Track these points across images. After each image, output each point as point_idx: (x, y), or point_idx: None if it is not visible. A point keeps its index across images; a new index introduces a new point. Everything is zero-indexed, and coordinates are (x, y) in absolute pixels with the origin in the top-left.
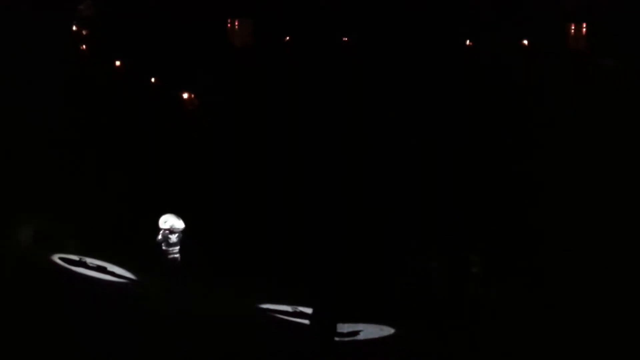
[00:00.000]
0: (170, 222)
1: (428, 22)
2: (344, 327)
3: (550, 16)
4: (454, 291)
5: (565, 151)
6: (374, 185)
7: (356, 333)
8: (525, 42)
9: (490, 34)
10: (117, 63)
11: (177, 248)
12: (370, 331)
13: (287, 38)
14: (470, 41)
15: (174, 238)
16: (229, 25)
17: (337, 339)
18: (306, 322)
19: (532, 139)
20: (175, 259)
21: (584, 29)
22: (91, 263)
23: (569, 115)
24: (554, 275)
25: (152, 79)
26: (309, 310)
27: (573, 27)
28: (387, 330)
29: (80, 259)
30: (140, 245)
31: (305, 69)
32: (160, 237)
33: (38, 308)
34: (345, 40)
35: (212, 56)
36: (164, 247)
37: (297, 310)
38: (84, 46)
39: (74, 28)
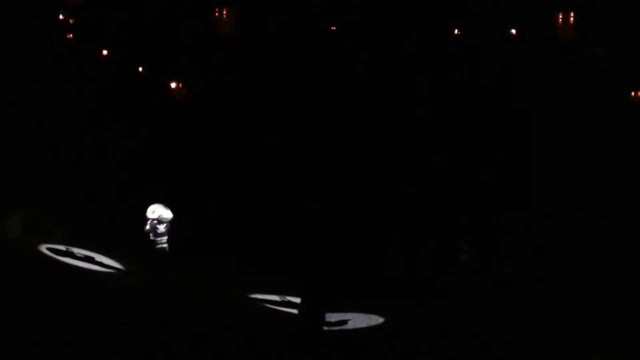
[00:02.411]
0: (158, 212)
1: (416, 10)
2: (332, 317)
3: (538, 5)
4: (443, 280)
5: (555, 141)
6: (362, 173)
7: (344, 322)
8: (513, 31)
9: (478, 23)
10: (105, 52)
11: (165, 238)
12: (358, 320)
13: (276, 27)
14: (458, 30)
15: (162, 228)
16: (217, 14)
17: (325, 328)
18: (294, 311)
19: (522, 129)
20: (163, 249)
21: (572, 18)
22: (79, 253)
23: (558, 105)
24: (544, 263)
25: (140, 68)
26: (297, 300)
27: (561, 16)
28: (375, 320)
29: (68, 249)
30: (128, 235)
31: (293, 58)
32: (148, 227)
33: (26, 298)
34: (333, 29)
35: (200, 45)
36: (152, 237)
37: (286, 299)
38: (70, 35)
39: (61, 17)
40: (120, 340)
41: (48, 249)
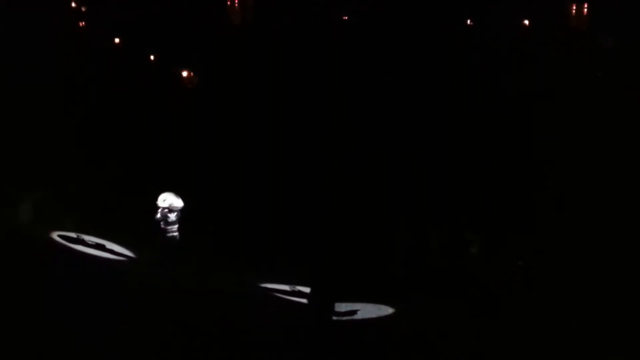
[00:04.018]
0: (169, 200)
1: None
2: (341, 307)
3: None
4: (451, 270)
5: (563, 131)
6: (370, 164)
7: (354, 312)
8: (526, 22)
9: (490, 14)
10: (117, 40)
11: (175, 226)
12: (368, 310)
13: (287, 16)
14: (470, 21)
15: (172, 217)
16: (229, 2)
17: (334, 318)
18: (304, 301)
19: (529, 120)
20: (174, 237)
21: (585, 9)
22: (90, 240)
23: (568, 96)
24: (547, 253)
25: (152, 56)
26: (307, 290)
27: (574, 8)
28: (384, 310)
29: (79, 236)
30: (139, 223)
31: (303, 48)
32: (159, 215)
33: (37, 285)
34: (343, 19)
35: (212, 34)
36: (162, 226)
37: (296, 289)
38: (82, 23)
39: (73, 5)
40: (128, 327)
41: (59, 236)
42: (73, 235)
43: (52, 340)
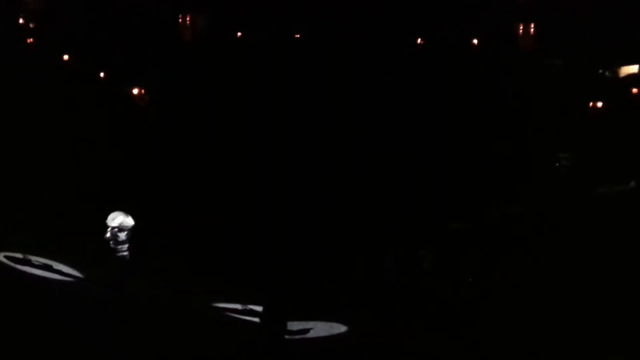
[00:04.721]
0: (119, 219)
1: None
2: (293, 325)
3: (499, 16)
4: (404, 287)
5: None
6: (325, 183)
7: (306, 331)
8: (475, 41)
9: (441, 33)
10: (66, 57)
11: (126, 246)
12: (320, 329)
13: (239, 34)
14: (421, 39)
15: (123, 236)
16: (180, 20)
17: (287, 337)
18: (256, 320)
19: (483, 135)
20: (124, 257)
21: (532, 29)
22: (36, 261)
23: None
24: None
25: (102, 74)
26: (259, 309)
27: (522, 27)
28: (337, 328)
29: (25, 257)
30: (87, 243)
31: (257, 65)
32: (108, 234)
33: None
34: (297, 37)
35: (163, 52)
36: (112, 245)
37: (248, 308)
38: (31, 40)
39: (21, 21)
40: (79, 348)
41: (5, 257)
42: (19, 255)
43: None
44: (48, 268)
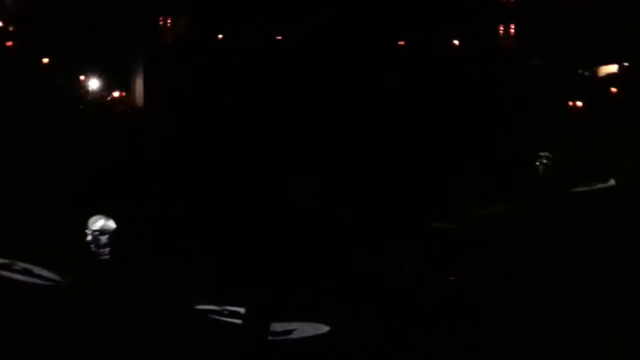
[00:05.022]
0: (100, 223)
1: (362, 20)
2: (277, 326)
3: (480, 17)
4: (389, 288)
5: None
6: (308, 183)
7: (289, 332)
8: (456, 42)
9: (421, 35)
10: (46, 60)
11: (107, 249)
12: (304, 330)
13: (221, 36)
14: (402, 41)
15: (104, 239)
16: (161, 22)
17: (270, 338)
18: (239, 321)
19: (465, 138)
20: (105, 260)
21: (513, 30)
22: (16, 266)
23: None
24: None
25: (82, 77)
26: (241, 310)
27: (502, 28)
28: (321, 329)
29: (5, 261)
30: (68, 247)
31: (239, 68)
32: (89, 238)
33: None
34: (279, 39)
35: (145, 54)
36: (93, 249)
37: (230, 310)
38: (10, 43)
39: (0, 24)
40: (59, 354)
41: None
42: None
43: None
44: (28, 273)
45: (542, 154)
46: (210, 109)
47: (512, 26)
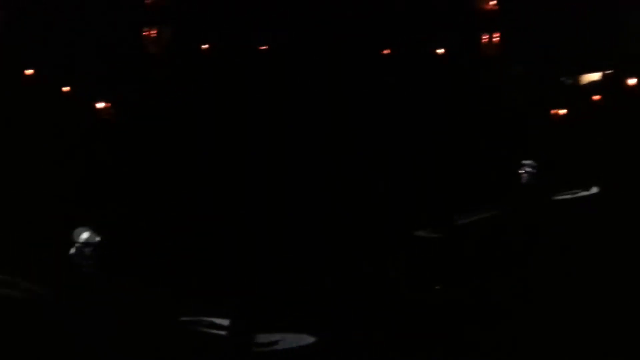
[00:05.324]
0: (84, 235)
1: (349, 29)
2: (261, 338)
3: (463, 26)
4: (374, 297)
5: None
6: (290, 193)
7: (274, 343)
8: (440, 51)
9: (406, 43)
10: (29, 72)
11: (91, 262)
12: (288, 341)
13: (206, 46)
14: (388, 49)
15: (88, 252)
16: (145, 33)
17: (255, 349)
18: (223, 333)
19: (448, 146)
20: (90, 273)
21: (496, 38)
22: None
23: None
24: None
25: (66, 88)
26: (226, 322)
27: (486, 37)
28: (305, 339)
29: None
30: (52, 260)
31: (224, 78)
32: (74, 250)
33: None
34: (263, 49)
35: (129, 65)
36: (78, 261)
37: (215, 322)
38: None
39: None
40: None
41: None
42: None
43: None
44: (12, 286)
45: (525, 161)
46: (197, 117)
47: (496, 35)
